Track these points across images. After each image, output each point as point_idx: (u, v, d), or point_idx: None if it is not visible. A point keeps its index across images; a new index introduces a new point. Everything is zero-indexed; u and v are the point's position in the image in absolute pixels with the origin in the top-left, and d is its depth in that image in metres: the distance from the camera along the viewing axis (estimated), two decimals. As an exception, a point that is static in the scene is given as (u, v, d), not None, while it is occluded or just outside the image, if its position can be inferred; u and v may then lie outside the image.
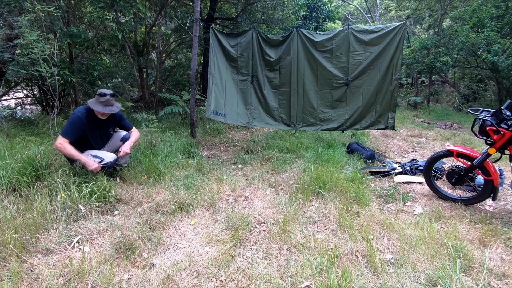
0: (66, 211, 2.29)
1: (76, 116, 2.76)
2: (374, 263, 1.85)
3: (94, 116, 2.87)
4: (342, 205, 2.60)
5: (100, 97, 2.79)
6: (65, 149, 2.66)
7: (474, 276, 1.77)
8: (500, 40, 7.58)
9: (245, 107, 4.46)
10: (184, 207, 2.54)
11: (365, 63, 4.07)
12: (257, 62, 4.36)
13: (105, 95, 2.79)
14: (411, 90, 12.44)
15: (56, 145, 2.69)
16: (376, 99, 4.16)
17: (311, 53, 4.17)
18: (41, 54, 3.30)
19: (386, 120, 4.19)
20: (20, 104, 7.56)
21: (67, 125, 2.75)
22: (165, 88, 8.39)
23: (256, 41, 4.31)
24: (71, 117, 2.78)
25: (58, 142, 2.66)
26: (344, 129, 4.33)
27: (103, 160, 2.84)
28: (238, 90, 4.44)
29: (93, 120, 2.88)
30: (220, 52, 4.36)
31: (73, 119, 2.75)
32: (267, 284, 1.69)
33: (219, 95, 4.31)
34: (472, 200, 2.74)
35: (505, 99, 7.33)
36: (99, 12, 5.04)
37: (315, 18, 10.83)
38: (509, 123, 2.47)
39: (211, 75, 4.25)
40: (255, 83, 4.43)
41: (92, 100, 2.86)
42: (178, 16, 7.24)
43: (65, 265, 1.78)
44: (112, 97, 2.84)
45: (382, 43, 3.98)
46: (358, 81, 4.16)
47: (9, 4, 4.42)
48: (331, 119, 4.32)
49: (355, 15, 19.79)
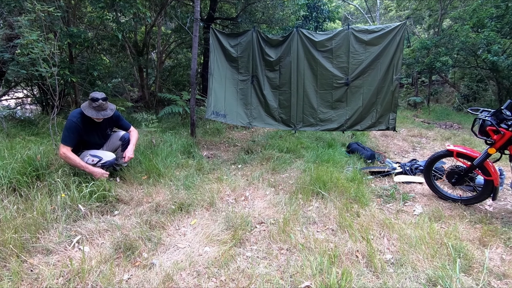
0: (66, 211, 2.29)
1: (71, 122, 2.70)
2: (374, 263, 1.84)
3: (90, 119, 2.78)
4: (342, 205, 2.59)
5: (93, 102, 2.70)
6: (70, 159, 2.67)
7: (474, 276, 1.77)
8: (500, 40, 7.57)
9: (245, 107, 4.46)
10: (184, 207, 2.54)
11: (365, 63, 4.06)
12: (257, 62, 4.36)
13: (97, 100, 2.70)
14: (411, 90, 12.43)
15: (60, 154, 2.68)
16: (377, 100, 4.15)
17: (311, 53, 4.17)
18: (41, 54, 3.30)
19: (387, 121, 4.18)
20: (20, 104, 7.56)
21: (65, 131, 2.69)
22: (165, 88, 8.39)
23: (256, 41, 4.31)
24: (67, 123, 2.71)
25: (61, 152, 2.65)
26: (345, 129, 4.33)
27: (102, 159, 2.83)
28: (238, 90, 4.44)
29: (89, 123, 2.82)
30: (220, 52, 4.36)
31: (69, 125, 2.69)
32: (267, 284, 1.69)
33: (219, 96, 4.31)
34: (472, 200, 2.74)
35: (505, 99, 7.34)
36: (99, 12, 5.04)
37: (315, 18, 10.83)
38: (509, 123, 2.47)
39: (211, 76, 4.26)
40: (255, 83, 4.43)
41: (85, 104, 2.76)
42: (178, 16, 7.24)
43: (65, 265, 1.78)
44: (104, 101, 2.75)
45: (382, 43, 3.98)
46: (358, 81, 4.16)
47: (9, 4, 4.42)
48: (331, 119, 4.32)
49: (355, 15, 19.78)
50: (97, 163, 2.81)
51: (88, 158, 2.81)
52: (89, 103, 2.74)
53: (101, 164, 2.82)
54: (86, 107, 2.74)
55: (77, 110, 2.81)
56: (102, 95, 2.76)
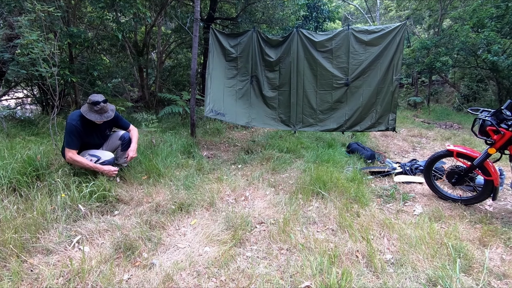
0: (66, 211, 2.29)
1: (71, 125, 2.68)
2: (374, 263, 1.85)
3: (89, 121, 2.77)
4: (342, 205, 2.59)
5: (94, 105, 2.67)
6: (78, 162, 2.71)
7: (474, 276, 1.77)
8: (500, 40, 7.57)
9: (245, 107, 4.45)
10: (184, 207, 2.54)
11: (365, 64, 4.06)
12: (257, 62, 4.36)
13: (98, 103, 2.67)
14: (411, 90, 12.44)
15: (67, 159, 2.72)
16: (377, 100, 4.15)
17: (311, 53, 4.17)
18: (41, 54, 3.29)
19: (387, 121, 4.18)
20: (20, 104, 7.57)
21: (67, 136, 2.68)
22: (165, 88, 8.39)
23: (256, 41, 4.31)
24: (67, 127, 2.69)
25: (68, 156, 2.68)
26: (344, 130, 4.33)
27: (100, 159, 2.84)
28: (237, 90, 4.44)
29: (89, 125, 2.81)
30: (219, 52, 4.36)
31: (70, 129, 2.68)
32: (267, 284, 1.69)
33: (217, 95, 4.29)
34: (472, 200, 2.74)
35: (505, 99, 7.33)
36: (99, 12, 5.04)
37: (315, 18, 10.84)
38: (509, 123, 2.47)
39: (209, 75, 4.25)
40: (255, 83, 4.43)
41: (85, 108, 2.73)
42: (178, 16, 7.24)
43: (65, 265, 1.78)
44: (105, 103, 2.74)
45: (382, 43, 3.99)
46: (358, 82, 4.16)
47: (9, 4, 4.42)
48: (330, 119, 4.32)
49: (355, 15, 19.78)
50: (96, 163, 2.81)
51: (86, 157, 2.81)
52: (89, 107, 2.70)
53: (100, 163, 2.82)
54: (87, 111, 2.71)
55: (75, 113, 2.78)
56: (101, 97, 2.73)
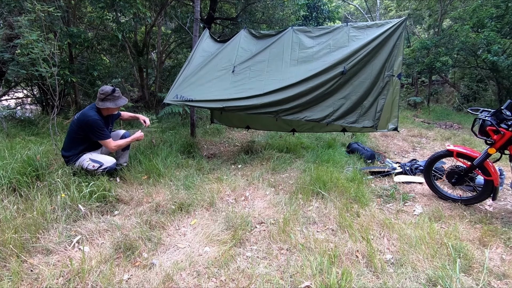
0: (66, 211, 2.29)
1: (96, 120, 2.83)
2: (374, 263, 1.85)
3: (103, 116, 2.97)
4: (342, 205, 2.59)
5: (112, 93, 2.91)
6: (121, 145, 3.01)
7: (474, 276, 1.77)
8: (500, 40, 7.57)
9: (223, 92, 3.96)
10: (184, 207, 2.54)
11: (360, 58, 3.94)
12: (241, 53, 4.17)
13: (115, 90, 2.93)
14: (411, 90, 12.44)
15: (112, 148, 2.96)
16: (368, 96, 4.02)
17: (304, 45, 4.09)
18: (41, 54, 3.30)
19: (373, 118, 4.03)
20: (20, 104, 7.56)
21: (99, 130, 2.84)
22: (165, 88, 8.38)
23: (243, 35, 4.25)
24: (93, 123, 2.81)
25: (112, 146, 2.92)
26: (329, 122, 4.01)
27: (103, 165, 2.84)
28: (216, 76, 4.08)
29: (103, 120, 2.97)
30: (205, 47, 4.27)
31: (97, 123, 2.83)
32: (267, 284, 1.69)
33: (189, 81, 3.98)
34: (472, 200, 2.74)
35: (505, 99, 7.34)
36: (99, 12, 5.04)
37: (315, 18, 10.85)
38: (509, 123, 2.47)
39: (188, 63, 4.06)
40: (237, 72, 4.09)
41: (101, 100, 2.89)
42: (178, 16, 7.25)
43: (65, 265, 1.78)
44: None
45: (379, 38, 3.91)
46: (351, 76, 3.99)
47: (9, 4, 4.42)
48: (316, 110, 4.01)
49: (355, 15, 19.78)
50: (98, 169, 2.82)
51: (88, 163, 2.81)
52: (104, 98, 2.88)
53: (102, 170, 2.83)
54: (102, 101, 2.88)
55: (90, 111, 2.88)
56: (113, 86, 2.99)
